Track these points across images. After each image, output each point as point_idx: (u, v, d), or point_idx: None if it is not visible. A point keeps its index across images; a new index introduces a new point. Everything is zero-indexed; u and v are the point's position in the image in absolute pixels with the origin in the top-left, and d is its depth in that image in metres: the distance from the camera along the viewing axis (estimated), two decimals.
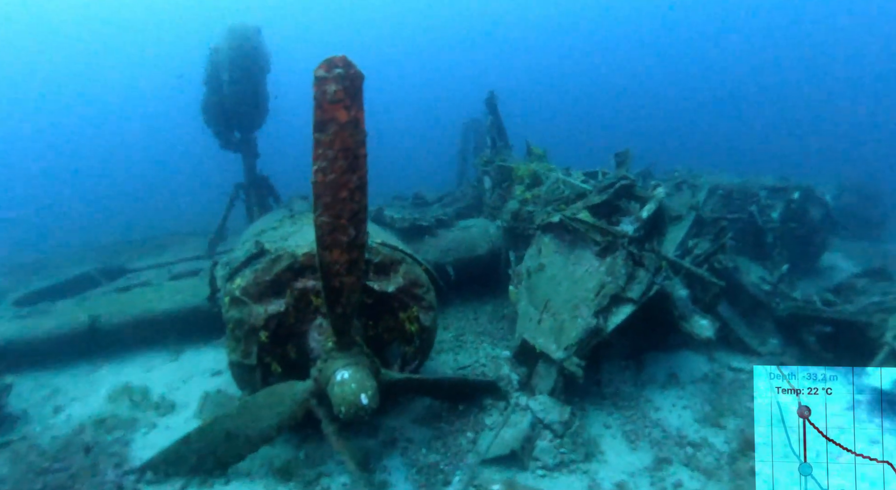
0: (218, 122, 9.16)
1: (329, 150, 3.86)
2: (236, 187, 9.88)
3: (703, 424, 5.78)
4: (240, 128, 9.43)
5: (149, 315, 7.30)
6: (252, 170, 9.81)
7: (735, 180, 9.64)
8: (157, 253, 10.85)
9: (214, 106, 8.91)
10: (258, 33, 8.38)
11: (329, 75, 3.68)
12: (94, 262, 10.10)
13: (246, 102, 8.71)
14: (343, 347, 4.53)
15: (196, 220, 16.41)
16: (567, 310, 6.01)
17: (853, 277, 7.57)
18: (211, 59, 8.67)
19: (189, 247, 11.17)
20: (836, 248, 10.55)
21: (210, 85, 8.83)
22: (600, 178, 7.40)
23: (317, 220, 3.97)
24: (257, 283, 4.81)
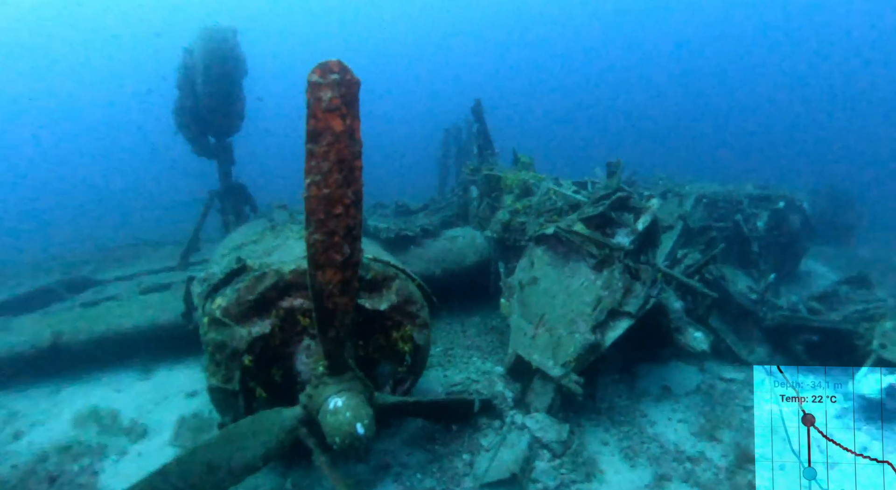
0: (192, 128, 8.58)
1: (324, 163, 3.51)
2: (211, 195, 9.28)
3: (699, 438, 5.65)
4: (215, 133, 8.87)
5: (117, 332, 6.76)
6: (227, 177, 9.24)
7: (718, 189, 9.61)
8: (126, 264, 10.18)
9: (188, 110, 8.34)
10: (235, 35, 7.86)
11: (324, 81, 3.33)
12: (57, 274, 9.42)
13: (221, 107, 8.14)
14: (335, 372, 4.17)
15: (166, 229, 15.69)
16: (563, 324, 5.77)
17: (835, 285, 7.57)
18: (184, 61, 8.12)
19: (159, 257, 10.53)
20: (811, 253, 10.66)
21: (183, 88, 8.27)
22: (590, 188, 7.20)
23: (309, 238, 3.61)
24: (240, 303, 4.40)
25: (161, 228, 16.79)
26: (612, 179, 6.73)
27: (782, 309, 7.31)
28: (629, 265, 5.79)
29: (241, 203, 9.18)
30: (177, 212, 20.96)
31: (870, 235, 12.12)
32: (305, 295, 4.60)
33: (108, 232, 17.62)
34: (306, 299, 4.61)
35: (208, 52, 7.51)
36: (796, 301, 7.31)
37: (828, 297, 7.35)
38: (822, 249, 11.05)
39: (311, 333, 4.65)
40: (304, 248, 5.04)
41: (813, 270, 9.79)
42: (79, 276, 9.18)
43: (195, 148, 8.86)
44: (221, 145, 8.98)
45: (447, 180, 15.84)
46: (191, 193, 9.72)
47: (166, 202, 24.49)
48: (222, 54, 7.59)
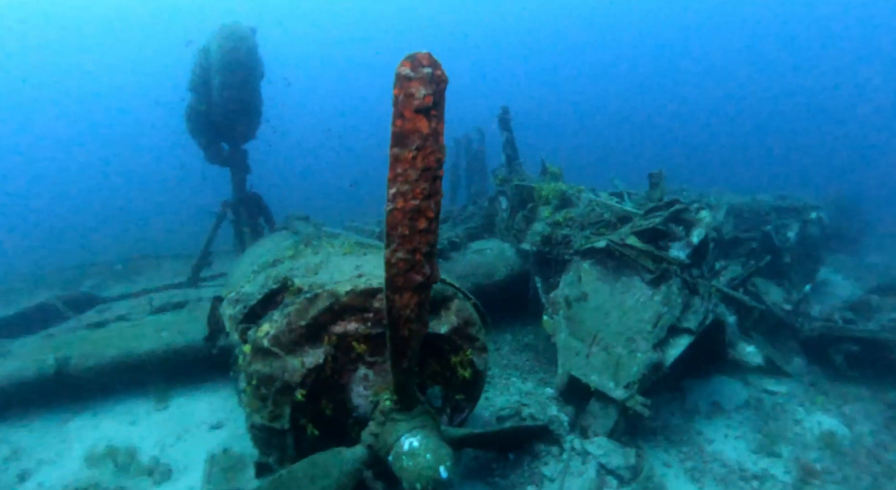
0: (204, 133, 7.76)
1: (411, 170, 2.90)
2: (224, 206, 8.39)
3: (759, 454, 5.31)
4: (229, 139, 8.04)
5: (130, 357, 5.95)
6: (242, 186, 8.36)
7: (740, 199, 9.22)
8: (130, 279, 9.27)
9: (201, 115, 7.50)
10: (254, 34, 7.08)
11: (416, 75, 2.71)
12: (56, 289, 8.46)
13: (238, 111, 7.32)
14: (406, 407, 3.52)
15: (169, 241, 14.67)
16: (621, 343, 5.21)
17: (866, 294, 7.21)
18: (199, 61, 7.28)
19: (165, 271, 9.65)
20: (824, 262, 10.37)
21: (197, 91, 7.41)
22: (627, 199, 6.67)
23: (391, 257, 2.98)
24: (291, 330, 3.71)
25: (164, 241, 15.70)
26: (654, 190, 6.25)
27: (816, 319, 6.90)
28: (687, 279, 5.27)
29: (256, 214, 8.36)
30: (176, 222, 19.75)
31: (876, 242, 11.93)
32: (360, 318, 3.95)
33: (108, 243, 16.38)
34: (361, 323, 3.96)
35: (227, 52, 6.71)
36: (830, 311, 6.91)
37: (860, 306, 6.97)
38: (832, 257, 10.78)
39: (367, 361, 4.00)
40: (354, 265, 4.43)
41: (827, 279, 9.48)
42: (80, 292, 8.27)
43: (207, 155, 7.99)
44: (236, 152, 8.15)
45: (458, 190, 15.18)
46: (200, 204, 8.85)
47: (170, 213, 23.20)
48: (242, 55, 6.81)
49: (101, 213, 27.56)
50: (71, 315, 7.35)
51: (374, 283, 3.96)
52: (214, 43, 6.78)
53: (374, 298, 3.95)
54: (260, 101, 7.54)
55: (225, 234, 8.72)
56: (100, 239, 18.30)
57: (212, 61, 6.87)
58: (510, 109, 8.18)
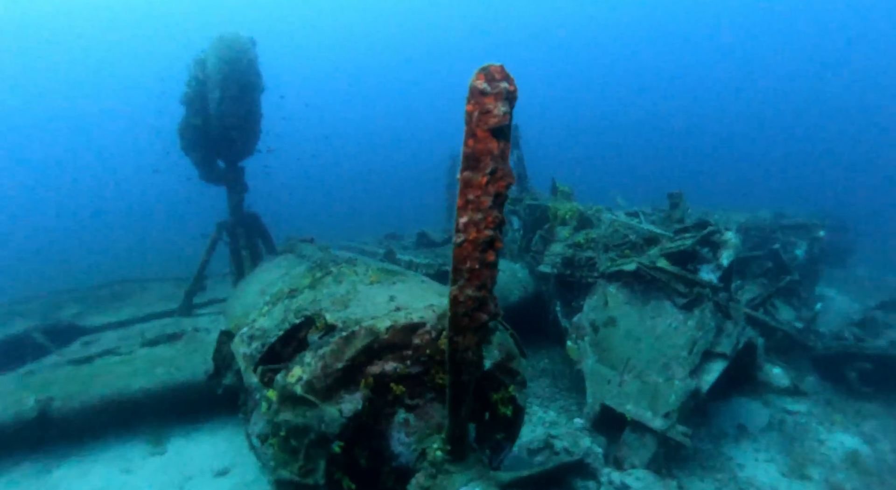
0: (200, 150, 7.07)
1: (485, 197, 2.52)
2: (219, 227, 7.66)
3: (790, 477, 5.10)
4: (226, 156, 7.37)
5: (121, 396, 5.30)
6: (239, 206, 7.63)
7: (744, 217, 9.10)
8: (114, 306, 8.46)
9: (197, 130, 6.83)
10: (253, 45, 6.54)
11: (492, 91, 2.32)
12: (33, 318, 7.61)
13: (237, 127, 6.74)
14: (459, 457, 3.06)
15: (151, 263, 13.73)
16: (655, 370, 4.86)
17: (871, 310, 7.10)
18: (194, 74, 6.66)
19: (152, 297, 8.86)
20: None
21: (193, 104, 6.75)
22: (643, 219, 6.39)
23: (459, 295, 2.57)
24: (327, 375, 3.22)
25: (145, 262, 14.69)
26: (675, 210, 5.99)
27: (825, 336, 6.74)
28: (719, 303, 4.97)
29: (255, 236, 7.77)
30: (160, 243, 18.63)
31: (862, 256, 12.04)
32: (399, 356, 3.49)
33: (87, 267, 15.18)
34: (399, 362, 3.49)
35: (226, 64, 6.14)
36: (840, 329, 6.75)
37: (866, 323, 6.84)
38: (824, 272, 10.79)
39: (406, 404, 3.51)
40: (387, 296, 3.96)
41: (822, 293, 9.43)
42: (61, 321, 7.45)
43: (202, 173, 7.31)
44: (232, 170, 7.46)
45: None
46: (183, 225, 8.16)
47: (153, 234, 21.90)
48: (242, 67, 6.26)
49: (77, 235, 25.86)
50: (52, 348, 6.59)
51: (415, 317, 3.51)
52: (212, 54, 6.22)
53: (414, 334, 3.49)
54: (259, 116, 6.97)
55: (218, 257, 8.07)
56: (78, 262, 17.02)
57: (209, 74, 6.31)
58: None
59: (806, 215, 9.75)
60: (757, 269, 7.27)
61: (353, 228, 17.04)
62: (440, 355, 3.62)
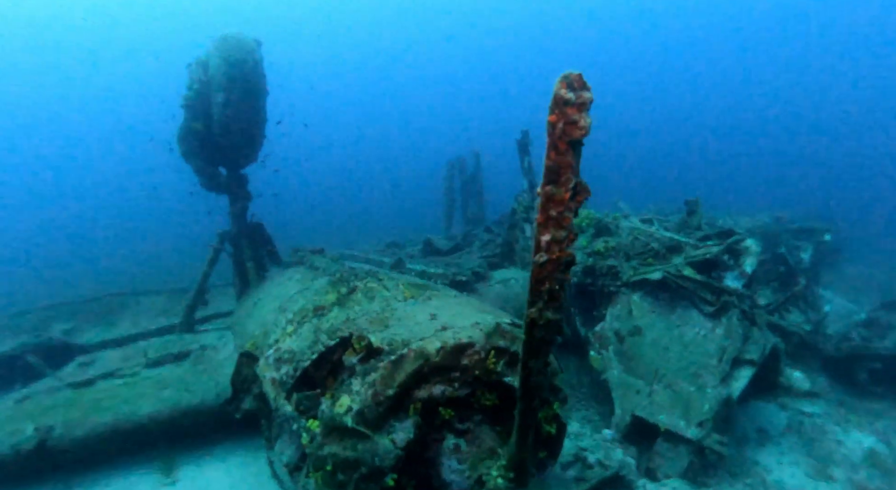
0: (201, 156, 6.61)
1: (568, 213, 2.31)
2: (221, 237, 7.17)
3: (816, 479, 5.08)
4: (229, 163, 6.94)
5: (128, 423, 4.91)
6: (242, 216, 7.17)
7: (745, 221, 9.12)
8: (108, 321, 7.95)
9: (198, 135, 6.40)
10: (259, 47, 6.17)
11: (577, 100, 2.12)
12: (23, 335, 7.04)
13: (241, 132, 6.32)
14: (523, 483, 2.86)
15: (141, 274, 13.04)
16: (686, 379, 4.75)
17: (874, 311, 7.17)
18: (197, 76, 6.22)
19: (147, 311, 8.38)
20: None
21: (194, 109, 6.30)
22: (657, 225, 6.29)
23: (538, 318, 2.40)
24: (378, 403, 2.97)
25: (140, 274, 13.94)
26: (693, 217, 5.91)
27: (832, 338, 6.76)
28: (745, 310, 4.89)
29: (259, 247, 7.38)
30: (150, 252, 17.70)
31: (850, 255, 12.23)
32: (447, 379, 3.27)
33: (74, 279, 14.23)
34: (447, 385, 3.28)
35: (231, 66, 5.74)
36: (847, 330, 6.79)
37: (871, 324, 6.90)
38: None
39: (456, 429, 3.29)
40: (427, 314, 3.72)
41: (819, 294, 9.52)
42: (53, 339, 6.92)
43: (203, 181, 6.85)
44: (235, 177, 7.02)
45: (454, 215, 14.47)
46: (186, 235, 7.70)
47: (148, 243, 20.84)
48: (248, 69, 5.87)
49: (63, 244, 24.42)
50: (46, 370, 6.11)
51: (464, 337, 3.29)
52: (216, 56, 5.83)
53: (463, 355, 3.27)
54: (264, 121, 6.60)
55: (220, 268, 7.65)
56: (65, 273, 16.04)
57: (213, 76, 5.92)
58: (530, 134, 7.71)
59: (806, 219, 9.87)
60: (769, 274, 7.28)
61: (351, 236, 16.60)
62: (488, 376, 3.42)
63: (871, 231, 15.44)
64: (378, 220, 22.14)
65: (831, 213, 13.12)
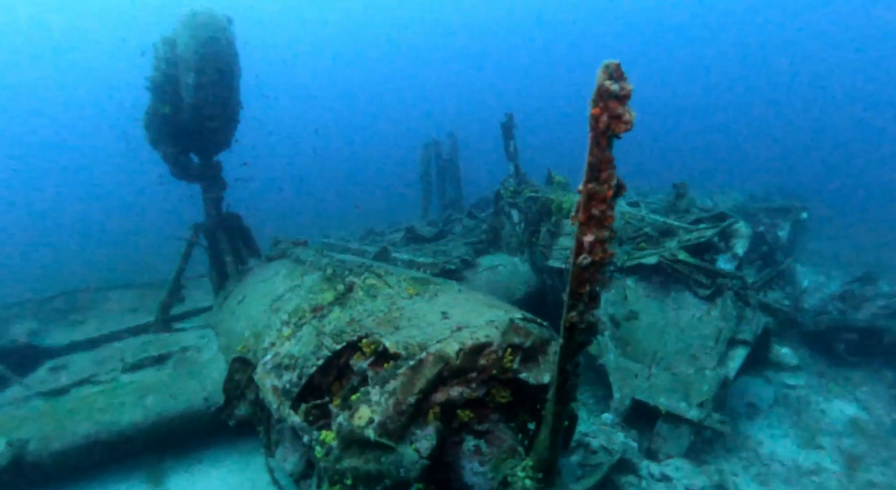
0: (171, 143, 6.08)
1: (609, 212, 2.21)
2: (195, 229, 6.68)
3: (805, 449, 5.31)
4: (201, 150, 6.38)
5: (109, 433, 4.60)
6: (217, 206, 6.64)
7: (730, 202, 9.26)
8: (74, 320, 7.41)
9: (166, 120, 5.86)
10: (230, 24, 5.65)
11: (620, 92, 1.99)
12: None
13: (215, 116, 5.78)
14: (550, 483, 2.79)
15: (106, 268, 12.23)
16: (684, 361, 4.81)
17: (848, 284, 7.47)
18: (163, 56, 5.64)
19: (115, 308, 7.85)
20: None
21: (162, 91, 5.74)
22: (644, 208, 6.29)
23: (579, 321, 2.30)
24: (400, 413, 2.83)
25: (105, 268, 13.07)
26: (681, 201, 5.93)
27: (809, 312, 7.02)
28: (739, 292, 4.96)
29: (237, 239, 6.81)
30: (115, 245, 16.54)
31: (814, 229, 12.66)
32: (464, 381, 3.14)
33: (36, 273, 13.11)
34: (465, 387, 3.16)
35: (202, 44, 5.22)
36: (823, 304, 7.06)
37: (846, 297, 7.20)
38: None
39: (475, 431, 3.18)
40: (438, 313, 3.56)
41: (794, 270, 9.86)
42: (15, 341, 6.37)
43: (174, 169, 6.31)
44: (208, 165, 6.48)
45: (432, 200, 14.16)
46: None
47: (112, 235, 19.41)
48: (221, 47, 5.36)
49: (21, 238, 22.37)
50: (12, 377, 5.64)
51: (481, 336, 3.16)
52: (185, 33, 5.30)
53: (480, 355, 3.15)
54: (238, 105, 6.12)
55: (194, 261, 7.19)
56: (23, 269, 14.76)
57: (182, 56, 5.39)
58: (513, 117, 7.50)
59: (780, 197, 10.15)
60: (751, 254, 7.44)
61: (324, 223, 16.09)
62: (503, 374, 3.32)
63: (833, 207, 16.11)
64: (352, 205, 21.52)
65: (798, 190, 13.54)
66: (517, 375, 3.32)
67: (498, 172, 9.32)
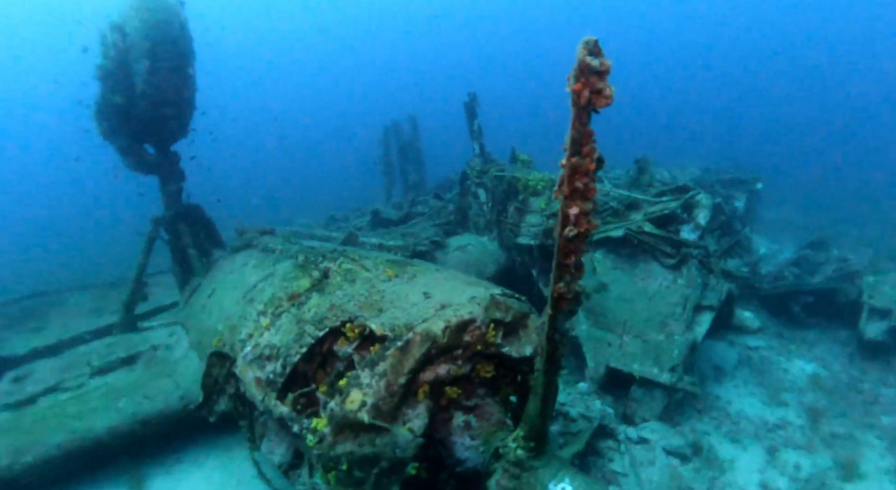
0: (125, 133, 5.75)
1: (592, 185, 2.28)
2: (155, 223, 6.39)
3: (771, 405, 5.64)
4: (157, 140, 6.08)
5: (84, 441, 4.43)
6: (176, 198, 6.40)
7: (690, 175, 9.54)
8: (32, 326, 6.98)
9: (119, 110, 5.53)
10: (183, 7, 5.34)
11: (600, 68, 2.06)
12: None
13: (170, 103, 5.52)
14: (542, 451, 2.90)
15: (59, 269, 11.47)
16: (654, 329, 5.03)
17: (801, 250, 7.91)
18: (112, 43, 5.29)
19: (74, 312, 7.46)
20: None
21: (113, 80, 5.40)
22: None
23: (566, 291, 2.42)
24: (392, 394, 2.86)
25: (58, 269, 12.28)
26: (643, 175, 6.12)
27: (766, 278, 7.42)
28: (703, 260, 5.20)
29: (200, 231, 6.55)
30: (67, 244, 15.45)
31: (765, 199, 13.26)
32: (450, 358, 3.20)
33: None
34: (451, 364, 3.21)
35: (153, 28, 4.91)
36: (779, 270, 7.48)
37: (801, 262, 7.64)
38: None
39: (464, 407, 3.26)
40: (420, 293, 3.57)
41: (750, 239, 10.32)
42: None
43: (130, 161, 6.01)
44: (165, 156, 6.20)
45: (394, 183, 13.98)
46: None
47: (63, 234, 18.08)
48: (174, 32, 5.04)
49: None
50: None
51: (465, 313, 3.22)
52: (135, 18, 4.96)
53: (465, 332, 3.21)
54: (194, 90, 5.82)
55: (155, 257, 6.89)
56: None
57: (132, 41, 5.07)
58: (477, 97, 7.46)
59: (734, 169, 10.58)
60: (710, 224, 7.74)
61: (284, 211, 15.66)
62: (487, 349, 3.39)
63: (785, 174, 16.90)
64: (312, 192, 21.02)
65: (750, 162, 14.14)
66: (500, 350, 3.41)
67: (459, 153, 9.35)
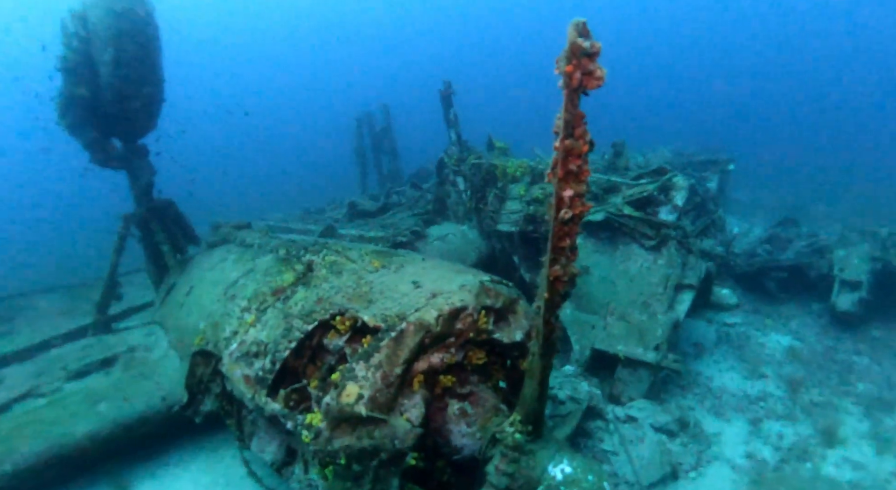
0: (90, 127, 5.47)
1: (585, 167, 2.30)
2: (126, 221, 6.15)
3: (751, 379, 5.81)
4: (124, 133, 5.82)
5: (63, 448, 4.27)
6: (147, 193, 6.14)
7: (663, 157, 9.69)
8: (1, 331, 6.66)
9: (83, 103, 5.27)
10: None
11: (591, 50, 2.06)
12: None
13: (137, 95, 5.26)
14: (539, 435, 2.93)
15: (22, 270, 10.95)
16: (637, 309, 5.13)
17: (772, 228, 8.15)
18: (74, 32, 5.02)
19: (44, 314, 7.13)
20: None
21: (77, 72, 5.13)
22: None
23: (562, 275, 2.42)
24: (388, 385, 2.84)
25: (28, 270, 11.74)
26: (619, 159, 6.20)
27: (741, 255, 7.64)
28: (681, 241, 5.31)
29: (172, 227, 6.29)
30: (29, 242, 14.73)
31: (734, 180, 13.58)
32: (443, 346, 3.19)
33: None
34: (444, 352, 3.21)
35: (118, 17, 4.61)
36: (752, 248, 7.69)
37: (772, 239, 7.88)
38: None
39: (458, 394, 3.26)
40: (410, 283, 3.53)
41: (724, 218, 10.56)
42: None
43: (95, 156, 5.71)
44: (133, 149, 5.94)
45: (369, 173, 13.77)
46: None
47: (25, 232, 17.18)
48: (140, 20, 4.79)
49: None
50: None
51: (456, 301, 3.21)
52: (98, 6, 4.70)
53: (457, 320, 3.20)
54: (162, 80, 5.54)
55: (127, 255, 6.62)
56: None
57: (95, 31, 4.78)
58: (452, 86, 7.38)
59: (706, 151, 10.81)
60: (685, 204, 7.89)
61: (257, 205, 15.31)
62: (479, 336, 3.39)
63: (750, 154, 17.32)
64: (283, 186, 20.59)
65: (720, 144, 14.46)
66: (492, 336, 3.41)
67: (434, 142, 9.26)
